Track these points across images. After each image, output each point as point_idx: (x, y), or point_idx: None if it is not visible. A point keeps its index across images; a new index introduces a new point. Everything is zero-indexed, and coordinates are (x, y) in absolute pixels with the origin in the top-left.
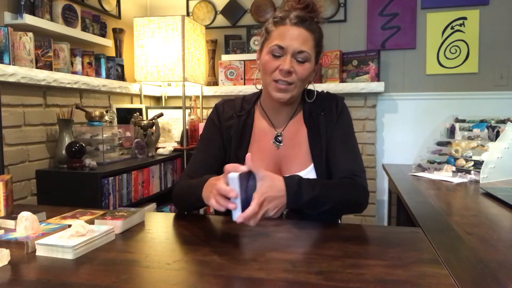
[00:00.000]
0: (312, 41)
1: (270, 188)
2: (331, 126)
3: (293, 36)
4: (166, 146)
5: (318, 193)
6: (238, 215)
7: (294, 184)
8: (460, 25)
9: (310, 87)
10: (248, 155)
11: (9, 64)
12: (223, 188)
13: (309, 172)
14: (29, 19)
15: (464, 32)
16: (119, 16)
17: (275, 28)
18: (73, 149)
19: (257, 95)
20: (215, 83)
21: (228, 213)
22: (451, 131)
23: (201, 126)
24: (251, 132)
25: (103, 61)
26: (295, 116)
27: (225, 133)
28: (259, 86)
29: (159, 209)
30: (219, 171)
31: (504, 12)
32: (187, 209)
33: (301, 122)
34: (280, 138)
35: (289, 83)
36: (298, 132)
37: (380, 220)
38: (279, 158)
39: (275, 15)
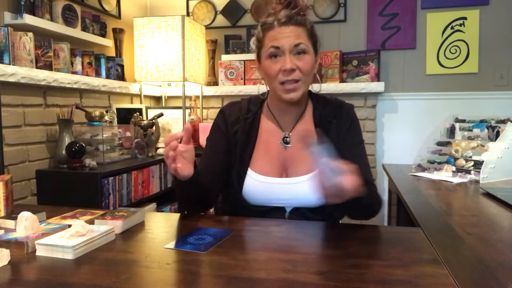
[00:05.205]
0: (305, 33)
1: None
2: (343, 132)
3: (284, 35)
4: None
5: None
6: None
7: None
8: (460, 25)
9: (316, 86)
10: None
11: (9, 64)
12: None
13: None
14: (29, 19)
15: (464, 32)
16: (119, 16)
17: (265, 34)
18: (73, 149)
19: (264, 96)
20: (215, 83)
21: (230, 212)
22: (451, 131)
23: (201, 126)
24: (257, 133)
25: (103, 61)
26: (303, 117)
27: (231, 137)
28: (261, 88)
29: (159, 209)
30: (224, 176)
31: (504, 12)
32: (189, 205)
33: (311, 124)
34: (287, 139)
35: (296, 81)
36: (307, 134)
37: (380, 220)
38: (286, 159)
39: (262, 22)
